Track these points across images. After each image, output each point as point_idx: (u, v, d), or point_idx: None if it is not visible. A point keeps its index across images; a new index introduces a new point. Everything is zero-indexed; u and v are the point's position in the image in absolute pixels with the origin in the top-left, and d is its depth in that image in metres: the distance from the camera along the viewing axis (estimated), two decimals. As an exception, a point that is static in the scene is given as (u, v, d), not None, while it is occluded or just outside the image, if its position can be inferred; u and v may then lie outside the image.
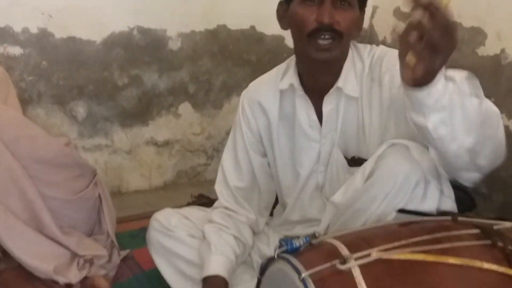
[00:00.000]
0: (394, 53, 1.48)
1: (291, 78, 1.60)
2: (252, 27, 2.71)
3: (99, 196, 1.96)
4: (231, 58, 2.71)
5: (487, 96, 2.18)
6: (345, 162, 1.60)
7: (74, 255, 1.81)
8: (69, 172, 1.86)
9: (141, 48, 2.52)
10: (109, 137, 2.58)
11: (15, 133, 1.74)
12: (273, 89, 1.66)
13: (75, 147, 2.34)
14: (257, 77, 1.75)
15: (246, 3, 2.64)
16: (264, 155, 1.73)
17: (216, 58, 2.68)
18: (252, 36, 2.72)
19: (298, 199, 1.71)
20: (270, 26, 2.70)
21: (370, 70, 1.54)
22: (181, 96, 2.67)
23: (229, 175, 1.74)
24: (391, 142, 1.40)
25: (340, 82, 1.55)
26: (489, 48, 2.21)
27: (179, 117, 2.70)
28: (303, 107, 1.61)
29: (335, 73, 1.56)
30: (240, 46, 2.71)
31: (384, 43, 2.77)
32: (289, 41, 2.71)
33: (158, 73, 2.59)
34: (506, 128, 2.14)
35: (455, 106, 1.18)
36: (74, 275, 1.76)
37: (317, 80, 1.58)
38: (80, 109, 2.47)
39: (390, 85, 1.48)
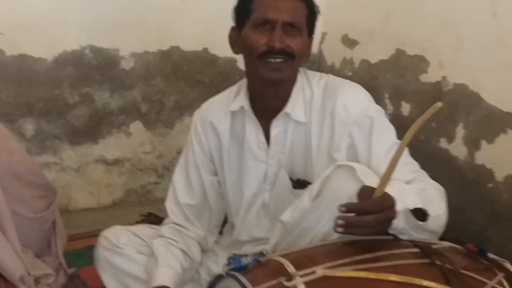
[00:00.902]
0: (346, 86, 1.59)
1: (242, 100, 1.65)
2: (205, 49, 2.75)
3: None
4: (183, 79, 2.74)
5: (429, 120, 2.28)
6: (290, 184, 1.65)
7: (26, 273, 1.78)
8: (36, 191, 1.85)
9: (93, 67, 2.52)
10: (58, 155, 2.56)
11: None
12: (224, 110, 1.70)
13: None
14: (209, 97, 1.78)
15: (199, 26, 2.68)
16: (215, 174, 1.76)
17: (169, 78, 2.70)
18: (205, 58, 2.75)
19: (246, 218, 1.73)
20: (223, 49, 2.68)
21: (322, 99, 1.59)
22: (133, 115, 2.68)
23: (180, 193, 1.75)
24: (337, 164, 1.45)
25: (288, 108, 1.60)
26: (431, 76, 2.30)
27: (130, 136, 2.70)
28: (252, 129, 1.65)
29: (284, 97, 1.61)
30: (193, 67, 2.74)
31: (332, 67, 2.85)
32: (241, 64, 2.76)
33: (109, 92, 2.59)
34: (446, 152, 2.24)
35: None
36: None
37: (267, 104, 1.63)
38: (29, 126, 2.44)
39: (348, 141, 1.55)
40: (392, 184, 1.32)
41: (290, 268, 1.21)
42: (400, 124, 1.89)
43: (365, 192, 1.28)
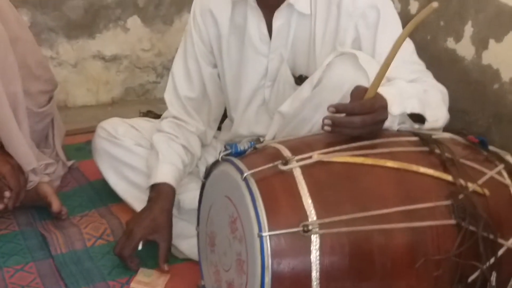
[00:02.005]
0: None
1: None
2: None
3: None
4: (183, -29, 2.63)
5: (437, 18, 2.19)
6: (292, 80, 1.60)
7: (38, 166, 1.79)
8: (42, 85, 1.84)
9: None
10: (54, 48, 2.50)
11: (16, 33, 1.70)
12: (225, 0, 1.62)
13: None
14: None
15: None
16: (215, 65, 1.71)
17: (168, -29, 2.60)
18: None
19: (245, 114, 1.70)
20: None
21: None
22: (130, 9, 2.58)
23: (179, 85, 1.72)
24: (339, 51, 1.41)
25: None
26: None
27: (127, 31, 2.62)
28: (255, 20, 1.59)
29: None
30: (193, -41, 2.62)
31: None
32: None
33: (105, -18, 2.49)
34: (453, 52, 2.18)
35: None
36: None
37: None
38: (24, 17, 2.36)
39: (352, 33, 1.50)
40: (392, 85, 1.30)
41: (287, 153, 1.21)
42: (407, 22, 1.82)
43: (358, 92, 1.26)
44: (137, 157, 1.76)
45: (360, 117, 1.23)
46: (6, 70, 1.63)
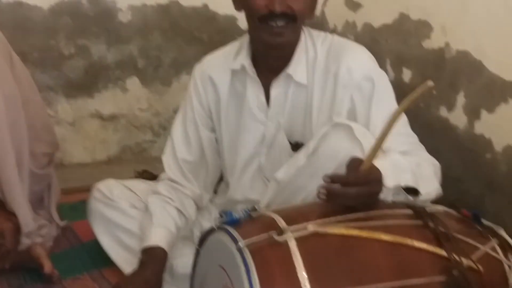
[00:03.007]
0: (350, 48, 1.57)
1: (244, 59, 1.62)
2: (205, 5, 2.69)
3: None
4: (182, 35, 2.69)
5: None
6: (288, 146, 1.63)
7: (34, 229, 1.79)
8: (45, 147, 1.86)
9: (90, 18, 2.47)
10: (53, 107, 2.53)
11: (27, 95, 1.74)
12: (225, 67, 1.67)
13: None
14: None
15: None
16: (213, 130, 1.74)
17: (166, 34, 2.65)
18: (204, 14, 2.70)
19: (240, 179, 1.72)
20: (223, 6, 2.67)
21: (326, 61, 1.57)
22: (130, 70, 2.64)
23: (178, 147, 1.74)
24: (335, 122, 1.44)
25: (290, 69, 1.58)
26: (434, 41, 2.25)
27: (126, 92, 2.67)
28: (253, 88, 1.63)
29: (287, 58, 1.58)
30: (191, 24, 2.69)
31: (334, 30, 2.79)
32: (242, 22, 2.73)
33: (106, 44, 2.55)
34: (446, 120, 2.21)
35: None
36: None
37: (269, 64, 1.60)
38: (23, 76, 2.40)
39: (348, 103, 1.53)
40: (387, 157, 1.33)
41: (282, 223, 1.21)
42: (401, 91, 1.85)
43: (354, 163, 1.28)
44: (132, 219, 1.75)
45: (355, 189, 1.24)
46: (16, 130, 1.65)
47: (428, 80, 1.13)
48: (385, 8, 2.48)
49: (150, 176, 2.30)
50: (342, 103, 1.54)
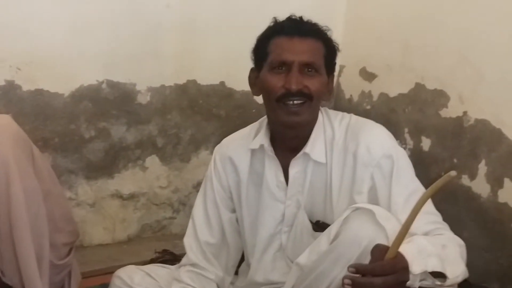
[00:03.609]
0: (369, 127, 1.58)
1: (262, 139, 1.64)
2: (222, 83, 2.73)
3: None
4: (200, 113, 2.72)
5: (450, 156, 2.23)
6: (309, 226, 1.62)
7: None
8: (65, 237, 1.86)
9: (110, 101, 2.51)
10: (73, 190, 2.53)
11: (48, 187, 1.76)
12: (245, 148, 1.69)
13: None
14: (226, 131, 1.79)
15: (217, 59, 2.67)
16: (233, 211, 1.74)
17: (185, 112, 2.69)
18: (221, 92, 2.74)
19: (261, 260, 1.70)
20: (240, 82, 2.71)
21: (344, 140, 1.58)
22: (149, 149, 2.65)
23: (199, 230, 1.73)
24: (356, 206, 1.43)
25: (307, 148, 1.59)
26: (451, 110, 2.26)
27: (145, 170, 2.68)
28: (272, 168, 1.64)
29: (305, 137, 1.60)
30: (209, 101, 2.72)
31: (350, 101, 2.82)
32: (258, 97, 2.76)
33: (126, 126, 2.58)
34: (469, 189, 2.18)
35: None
36: None
37: (287, 143, 1.62)
38: (44, 161, 2.43)
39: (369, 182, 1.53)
40: (412, 242, 1.30)
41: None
42: (420, 160, 1.86)
43: (378, 251, 1.25)
44: (152, 306, 1.73)
45: (382, 279, 1.21)
46: (37, 223, 1.66)
47: (451, 171, 1.12)
48: (401, 78, 2.50)
49: (171, 256, 2.28)
50: (362, 182, 1.54)
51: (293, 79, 1.49)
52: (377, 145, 1.54)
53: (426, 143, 2.38)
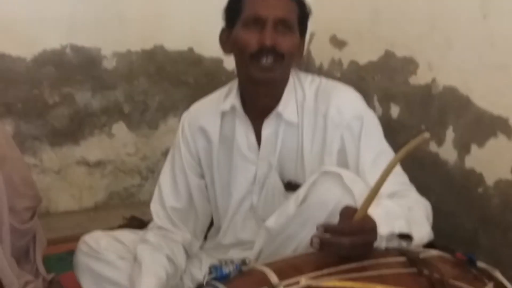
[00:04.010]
0: (339, 89, 1.60)
1: (233, 99, 1.63)
2: (190, 49, 2.70)
3: None
4: (168, 79, 2.69)
5: (418, 123, 2.24)
6: (281, 186, 1.63)
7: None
8: (27, 201, 1.84)
9: (74, 66, 2.47)
10: (38, 156, 2.50)
11: (4, 152, 1.73)
12: (214, 111, 1.68)
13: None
14: (194, 98, 1.77)
15: (185, 25, 2.63)
16: (202, 177, 1.73)
17: (152, 79, 2.66)
18: (190, 58, 2.71)
19: (232, 220, 1.70)
20: (209, 48, 2.69)
21: (315, 102, 1.59)
22: (115, 116, 2.63)
23: (166, 196, 1.72)
24: (324, 169, 1.43)
25: (280, 107, 1.59)
26: (420, 78, 2.26)
27: (112, 137, 2.65)
28: (243, 129, 1.64)
29: (276, 97, 1.60)
30: (177, 68, 2.69)
31: (320, 68, 2.80)
32: (228, 64, 2.75)
33: (91, 92, 2.54)
34: (436, 155, 2.20)
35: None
36: None
37: (258, 103, 1.61)
38: (7, 128, 2.37)
39: (338, 144, 1.55)
40: (380, 205, 1.30)
41: (273, 278, 1.17)
42: (388, 127, 1.86)
43: (347, 212, 1.26)
44: (120, 271, 1.70)
45: (349, 238, 1.21)
46: None
47: (424, 132, 1.12)
48: (370, 45, 2.50)
49: (139, 222, 2.26)
50: (332, 142, 1.56)
51: (267, 35, 1.49)
52: (347, 106, 1.56)
53: (395, 111, 2.39)
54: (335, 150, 1.56)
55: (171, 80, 2.69)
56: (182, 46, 2.68)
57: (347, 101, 1.58)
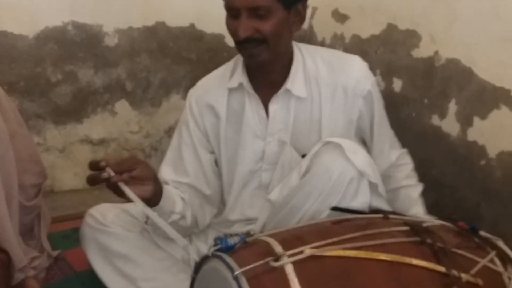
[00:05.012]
0: (351, 60, 1.67)
1: (240, 77, 1.62)
2: (192, 25, 2.68)
3: None
4: (170, 56, 2.67)
5: (421, 96, 2.24)
6: (299, 159, 1.59)
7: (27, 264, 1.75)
8: (33, 178, 1.85)
9: (76, 43, 2.45)
10: (42, 135, 2.49)
11: (14, 129, 1.74)
12: (221, 88, 1.67)
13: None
14: (197, 75, 1.76)
15: (186, 0, 2.61)
16: (212, 152, 1.73)
17: (154, 55, 2.63)
18: (191, 34, 2.69)
19: (239, 197, 1.71)
20: (210, 24, 2.68)
21: (330, 74, 1.62)
22: (118, 94, 2.61)
23: (172, 171, 1.70)
24: (325, 140, 1.43)
25: (288, 84, 1.59)
26: (423, 50, 2.25)
27: (115, 115, 2.64)
28: (253, 105, 1.64)
29: (282, 72, 1.60)
30: (179, 44, 2.67)
31: (323, 43, 2.79)
32: (229, 40, 2.71)
33: (93, 69, 2.52)
34: (439, 128, 2.20)
35: None
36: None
37: (265, 80, 1.61)
38: (11, 105, 2.37)
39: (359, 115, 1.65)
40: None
41: (278, 248, 1.18)
42: (391, 101, 1.87)
43: None
44: (127, 244, 1.70)
45: None
46: (5, 165, 1.63)
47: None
48: (373, 19, 2.48)
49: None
50: (352, 112, 1.63)
51: (240, 27, 1.48)
52: (364, 77, 1.64)
53: (397, 84, 2.39)
54: (355, 118, 1.63)
55: (173, 57, 2.67)
56: (184, 22, 2.66)
57: (363, 72, 1.65)
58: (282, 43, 1.56)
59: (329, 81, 1.61)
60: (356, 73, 1.62)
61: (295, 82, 1.59)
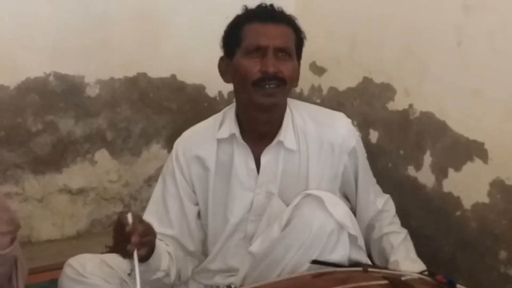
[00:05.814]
0: (337, 117, 1.75)
1: (232, 127, 1.65)
2: (173, 76, 2.72)
3: None
4: (151, 106, 2.69)
5: (397, 148, 2.28)
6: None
7: None
8: (2, 227, 1.78)
9: (57, 94, 2.46)
10: (20, 184, 2.48)
11: None
12: (209, 139, 1.69)
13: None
14: (177, 125, 1.78)
15: (168, 52, 2.65)
16: (196, 204, 1.73)
17: (135, 105, 2.66)
18: (172, 85, 2.72)
19: (224, 247, 1.71)
20: (191, 75, 2.72)
21: (317, 129, 1.67)
22: (98, 143, 2.61)
23: (155, 223, 1.66)
24: (306, 192, 1.46)
25: (281, 136, 1.63)
26: (398, 103, 2.31)
27: (95, 164, 2.64)
28: (242, 156, 1.66)
29: (276, 123, 1.64)
30: (160, 94, 2.70)
31: (301, 95, 2.84)
32: (210, 91, 2.77)
33: (74, 119, 2.53)
34: (415, 179, 2.24)
35: None
36: None
37: (258, 130, 1.64)
38: (-11, 156, 2.37)
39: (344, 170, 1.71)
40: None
41: (258, 303, 1.19)
42: (368, 152, 1.90)
43: None
44: (106, 295, 1.69)
45: None
46: None
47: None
48: (349, 72, 2.54)
49: (122, 250, 2.25)
50: (339, 166, 1.69)
51: (269, 62, 1.52)
52: (349, 134, 1.71)
53: (374, 136, 2.43)
54: (340, 172, 1.69)
55: (153, 107, 2.70)
56: (165, 73, 2.70)
57: (349, 130, 1.71)
58: (290, 91, 1.62)
59: (316, 136, 1.66)
60: (342, 130, 1.68)
61: (287, 134, 1.64)
